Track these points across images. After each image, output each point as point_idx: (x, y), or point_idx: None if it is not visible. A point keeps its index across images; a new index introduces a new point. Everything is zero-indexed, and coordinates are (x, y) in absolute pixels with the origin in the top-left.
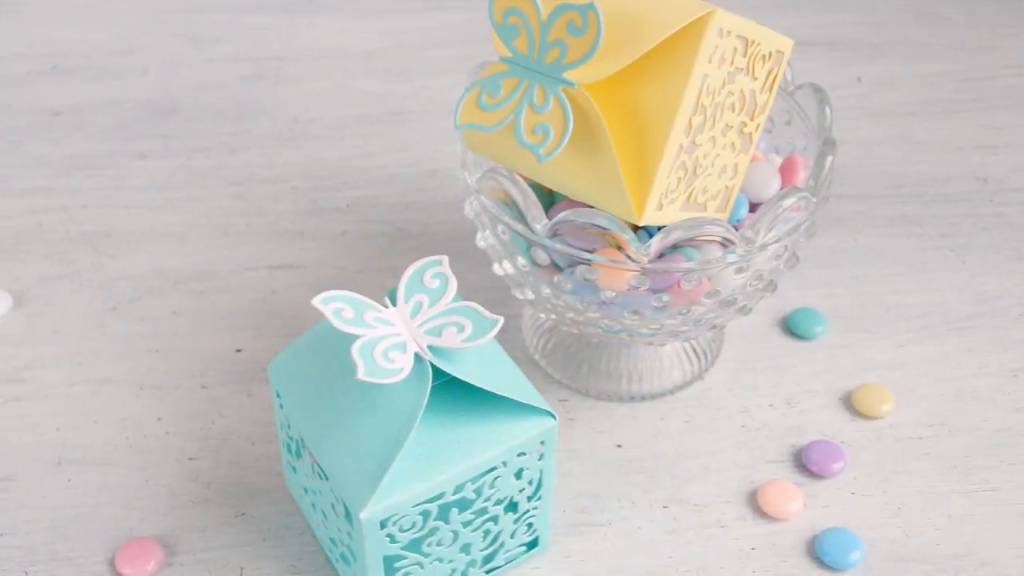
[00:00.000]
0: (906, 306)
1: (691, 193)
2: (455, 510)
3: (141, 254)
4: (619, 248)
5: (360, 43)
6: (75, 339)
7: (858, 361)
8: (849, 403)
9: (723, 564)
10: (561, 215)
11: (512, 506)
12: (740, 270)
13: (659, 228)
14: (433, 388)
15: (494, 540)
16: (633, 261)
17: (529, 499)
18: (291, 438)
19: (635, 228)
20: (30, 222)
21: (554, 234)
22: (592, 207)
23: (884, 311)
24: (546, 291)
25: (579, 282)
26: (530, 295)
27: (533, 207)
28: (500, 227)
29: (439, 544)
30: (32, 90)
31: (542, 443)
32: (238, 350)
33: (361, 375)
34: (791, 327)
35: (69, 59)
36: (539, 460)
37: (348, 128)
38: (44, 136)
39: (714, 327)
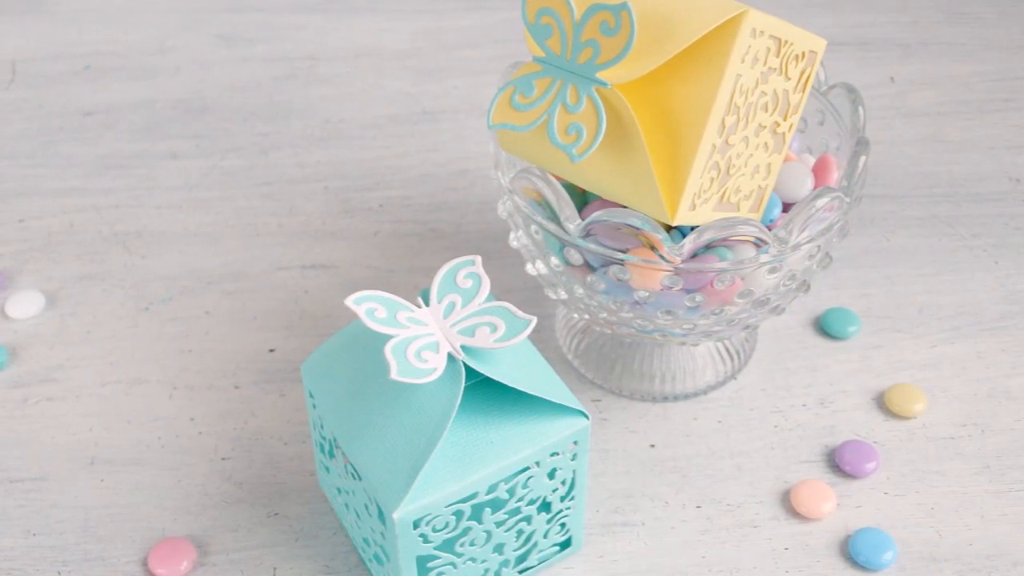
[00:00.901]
0: (939, 306)
1: (724, 193)
2: (488, 510)
3: (173, 254)
4: (652, 248)
5: (392, 43)
6: (107, 339)
7: (891, 361)
8: (882, 403)
9: (756, 564)
10: (594, 215)
11: (545, 506)
12: (773, 270)
13: (692, 228)
14: (466, 388)
15: (527, 540)
16: (666, 261)
17: (562, 499)
18: (324, 438)
19: (668, 228)
20: (62, 222)
21: (587, 234)
22: (625, 207)
23: (917, 311)
24: (579, 291)
25: (612, 282)
26: (563, 295)
27: (566, 207)
28: (533, 227)
29: (472, 544)
30: (64, 90)
31: (575, 443)
32: (271, 350)
33: (394, 375)
34: (824, 327)
35: (101, 59)
36: (572, 460)
37: (380, 128)
38: (76, 136)
39: (747, 327)
